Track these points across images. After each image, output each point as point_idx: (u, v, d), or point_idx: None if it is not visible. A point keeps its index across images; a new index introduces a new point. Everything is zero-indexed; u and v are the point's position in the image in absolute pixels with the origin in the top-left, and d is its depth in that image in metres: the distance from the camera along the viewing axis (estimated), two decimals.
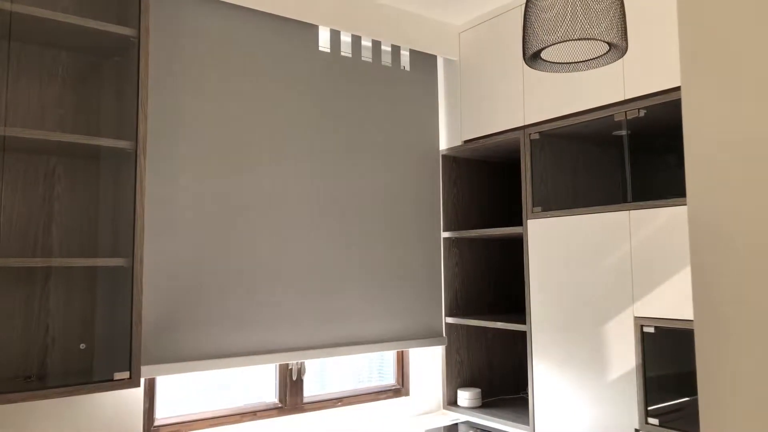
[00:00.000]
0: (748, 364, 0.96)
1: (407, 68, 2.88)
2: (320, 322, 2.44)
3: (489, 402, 2.87)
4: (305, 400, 2.50)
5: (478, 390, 2.80)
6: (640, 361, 2.04)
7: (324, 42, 2.62)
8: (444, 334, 2.83)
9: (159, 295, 2.09)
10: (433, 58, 2.98)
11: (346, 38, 2.68)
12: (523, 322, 2.53)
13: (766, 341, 0.94)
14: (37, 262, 1.71)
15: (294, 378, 2.46)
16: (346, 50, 2.71)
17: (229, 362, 2.20)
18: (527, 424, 2.45)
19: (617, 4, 1.40)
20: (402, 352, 2.82)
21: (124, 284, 1.88)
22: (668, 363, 1.99)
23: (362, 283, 2.59)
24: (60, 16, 1.75)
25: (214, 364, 2.16)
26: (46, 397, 1.65)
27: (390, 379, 2.82)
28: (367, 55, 2.75)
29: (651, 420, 2.00)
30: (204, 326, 2.17)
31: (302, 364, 2.47)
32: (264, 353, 2.28)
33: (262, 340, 2.29)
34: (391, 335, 2.65)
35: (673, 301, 1.96)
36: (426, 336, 2.77)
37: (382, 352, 2.81)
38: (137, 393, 2.09)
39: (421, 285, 2.79)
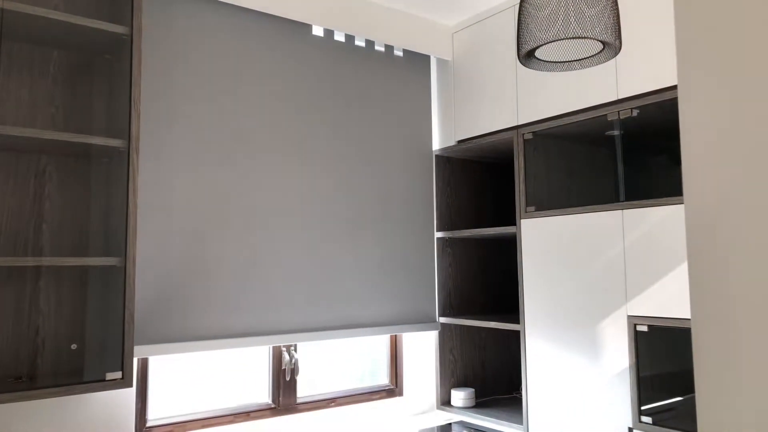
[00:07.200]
0: (745, 361, 0.96)
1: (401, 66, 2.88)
2: (314, 305, 2.46)
3: (483, 402, 2.87)
4: (299, 400, 2.49)
5: (472, 390, 2.79)
6: (634, 359, 2.04)
7: (317, 41, 2.61)
8: (438, 326, 2.83)
9: (151, 277, 2.09)
10: (427, 58, 2.98)
11: (339, 38, 2.68)
12: (517, 321, 2.53)
13: (764, 339, 0.94)
14: (28, 261, 1.69)
15: (288, 378, 2.45)
16: (339, 48, 2.70)
17: (221, 344, 2.20)
18: (521, 423, 2.45)
19: (611, 4, 1.40)
20: (395, 347, 2.82)
21: (115, 284, 1.86)
22: (661, 362, 2.00)
23: (357, 275, 2.59)
24: (51, 14, 1.73)
25: (206, 345, 2.16)
26: (37, 397, 1.64)
27: (383, 380, 2.82)
28: (360, 55, 2.75)
29: (644, 419, 2.00)
30: (196, 308, 2.17)
31: (296, 363, 2.46)
32: (257, 335, 2.29)
33: (256, 322, 2.30)
34: (385, 320, 2.67)
35: (666, 300, 1.97)
36: (420, 321, 2.77)
37: (374, 356, 2.80)
38: (129, 393, 2.07)
39: (415, 281, 2.79)
